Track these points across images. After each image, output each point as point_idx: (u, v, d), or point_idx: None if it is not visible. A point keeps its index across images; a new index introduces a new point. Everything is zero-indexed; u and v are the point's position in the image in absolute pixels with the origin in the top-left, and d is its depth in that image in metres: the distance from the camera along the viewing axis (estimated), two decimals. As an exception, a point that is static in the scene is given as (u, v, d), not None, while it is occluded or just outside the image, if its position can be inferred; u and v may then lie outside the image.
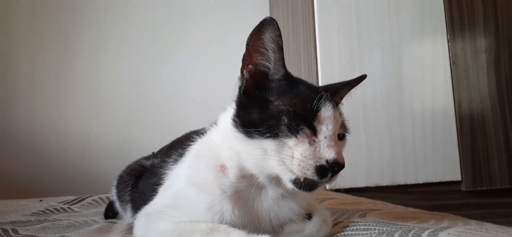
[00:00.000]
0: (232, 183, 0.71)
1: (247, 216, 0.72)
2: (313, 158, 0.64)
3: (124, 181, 1.10)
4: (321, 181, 0.65)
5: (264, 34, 0.70)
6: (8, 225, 1.05)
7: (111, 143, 2.36)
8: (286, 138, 0.66)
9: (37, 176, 2.25)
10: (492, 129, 1.77)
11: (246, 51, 0.72)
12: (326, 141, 0.66)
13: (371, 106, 1.74)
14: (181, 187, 0.76)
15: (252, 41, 0.71)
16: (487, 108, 1.78)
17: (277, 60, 0.71)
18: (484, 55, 1.81)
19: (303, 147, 0.65)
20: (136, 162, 1.15)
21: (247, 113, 0.70)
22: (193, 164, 0.78)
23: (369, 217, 0.95)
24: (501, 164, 1.76)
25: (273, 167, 0.67)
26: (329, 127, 0.67)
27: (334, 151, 0.64)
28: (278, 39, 0.69)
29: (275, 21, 0.69)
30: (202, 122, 0.81)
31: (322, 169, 0.64)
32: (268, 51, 0.71)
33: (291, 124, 0.65)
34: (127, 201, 1.08)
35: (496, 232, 0.73)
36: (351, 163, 1.71)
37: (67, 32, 2.40)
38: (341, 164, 0.65)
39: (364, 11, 1.78)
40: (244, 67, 0.73)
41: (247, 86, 0.73)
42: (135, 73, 2.46)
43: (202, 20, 2.56)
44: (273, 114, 0.67)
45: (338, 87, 0.78)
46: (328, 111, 0.68)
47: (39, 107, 2.32)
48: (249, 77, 0.73)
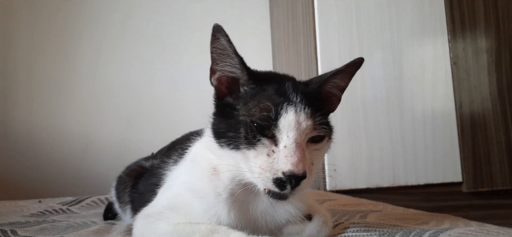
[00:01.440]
0: (226, 185, 0.71)
1: (243, 219, 0.72)
2: (270, 170, 0.63)
3: (124, 182, 1.10)
4: (282, 192, 0.63)
5: (219, 41, 0.69)
6: (7, 226, 1.04)
7: (110, 143, 2.36)
8: (247, 150, 0.65)
9: (36, 177, 2.24)
10: (493, 130, 1.77)
11: (211, 59, 0.72)
12: (285, 150, 0.62)
13: (371, 107, 1.73)
14: (179, 190, 0.77)
15: (211, 49, 0.70)
16: (488, 109, 1.78)
17: (237, 64, 0.70)
18: (485, 56, 1.81)
19: (262, 159, 0.64)
20: (135, 163, 1.15)
21: (218, 122, 0.71)
22: (189, 169, 0.78)
23: (370, 219, 0.94)
24: (502, 165, 1.75)
25: (247, 176, 0.67)
26: (290, 135, 0.63)
27: (290, 161, 0.61)
28: (229, 44, 0.68)
29: (221, 26, 0.68)
30: (201, 123, 0.80)
31: (280, 182, 0.62)
32: (228, 56, 0.70)
33: (248, 136, 0.64)
34: (126, 202, 1.07)
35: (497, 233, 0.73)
36: (352, 164, 1.70)
37: (67, 33, 2.40)
38: (298, 176, 0.61)
39: (365, 12, 1.77)
40: (211, 74, 0.73)
41: (218, 93, 0.73)
42: (134, 74, 2.46)
43: (202, 21, 2.55)
44: (234, 125, 0.67)
45: (325, 79, 0.72)
46: (289, 118, 0.64)
47: (38, 108, 2.32)
48: (218, 84, 0.73)
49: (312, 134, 0.66)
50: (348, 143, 1.69)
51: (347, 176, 1.69)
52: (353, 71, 0.75)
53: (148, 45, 2.49)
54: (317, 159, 0.69)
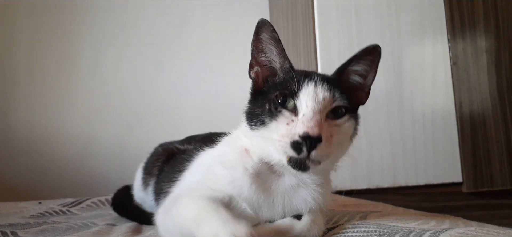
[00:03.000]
0: (255, 163, 0.76)
1: (263, 195, 0.76)
2: (288, 136, 0.68)
3: (158, 154, 1.15)
4: (299, 157, 0.67)
5: (262, 35, 0.78)
6: (7, 228, 1.04)
7: (110, 145, 2.35)
8: (269, 122, 0.72)
9: (36, 178, 2.24)
10: (493, 130, 1.77)
11: (251, 55, 0.80)
12: (302, 118, 0.69)
13: (371, 108, 1.73)
14: (210, 164, 0.82)
15: (254, 45, 0.79)
16: (488, 109, 1.78)
17: (279, 54, 0.79)
18: (484, 56, 1.81)
19: (282, 128, 0.70)
20: (170, 143, 1.20)
21: (250, 107, 0.79)
22: (222, 147, 0.86)
23: (370, 219, 0.94)
24: (502, 165, 1.75)
25: (272, 154, 0.72)
26: (308, 104, 0.70)
27: (306, 125, 0.67)
28: (274, 34, 0.77)
29: (268, 20, 0.77)
30: (202, 124, 0.82)
31: (297, 145, 0.67)
32: (269, 49, 0.79)
33: (271, 109, 0.72)
34: (152, 175, 1.11)
35: (497, 234, 0.73)
36: (352, 164, 1.70)
37: (67, 34, 2.40)
38: (312, 136, 0.66)
39: (364, 12, 1.77)
40: (250, 69, 0.82)
41: (255, 84, 0.82)
42: (135, 76, 2.46)
43: (202, 22, 2.56)
44: (262, 104, 0.75)
45: (342, 66, 0.80)
46: (308, 89, 0.72)
47: (39, 109, 2.32)
48: (256, 77, 0.81)
49: (330, 106, 0.73)
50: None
51: (347, 176, 1.69)
52: (372, 59, 0.81)
53: (149, 46, 2.49)
54: (337, 134, 0.73)
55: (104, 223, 1.16)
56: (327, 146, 0.69)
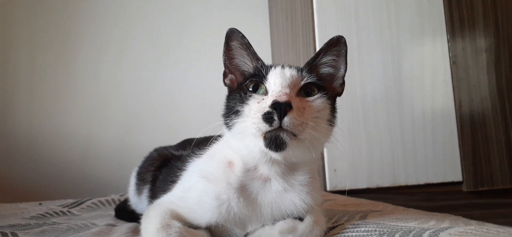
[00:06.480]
0: (238, 177, 0.77)
1: (250, 206, 0.76)
2: (259, 111, 0.70)
3: (153, 159, 1.15)
4: (272, 127, 0.68)
5: (232, 43, 0.82)
6: (7, 229, 1.05)
7: (110, 145, 2.36)
8: (243, 109, 0.74)
9: (36, 179, 2.24)
10: (493, 129, 1.77)
11: (224, 64, 0.84)
12: (272, 93, 0.72)
13: (371, 107, 1.73)
14: (194, 181, 0.82)
15: (225, 54, 0.83)
16: (488, 108, 1.78)
17: (250, 58, 0.82)
18: (484, 55, 1.81)
19: (254, 108, 0.72)
20: (165, 148, 1.20)
21: (226, 107, 0.81)
22: (206, 161, 0.85)
23: (370, 219, 0.94)
24: (502, 164, 1.75)
25: (250, 142, 0.73)
26: (276, 81, 0.74)
27: (274, 96, 0.70)
28: (244, 40, 0.80)
29: (236, 29, 0.81)
30: (201, 125, 0.82)
31: (268, 115, 0.68)
32: (241, 54, 0.82)
33: (241, 96, 0.75)
34: (146, 182, 1.10)
35: (497, 233, 0.73)
36: (352, 164, 1.70)
37: (67, 35, 2.40)
38: (280, 102, 0.67)
39: (363, 12, 1.78)
40: (224, 77, 0.85)
41: (230, 89, 0.85)
42: (134, 76, 2.46)
43: (202, 22, 2.56)
44: (233, 98, 0.78)
45: (313, 59, 0.81)
46: (275, 71, 0.76)
47: (39, 110, 2.32)
48: (231, 84, 0.84)
49: (300, 84, 0.76)
50: (348, 143, 1.69)
51: (347, 175, 1.69)
52: (338, 50, 0.81)
53: (149, 47, 2.49)
54: (310, 109, 0.74)
55: (104, 223, 1.16)
56: (299, 115, 0.69)
